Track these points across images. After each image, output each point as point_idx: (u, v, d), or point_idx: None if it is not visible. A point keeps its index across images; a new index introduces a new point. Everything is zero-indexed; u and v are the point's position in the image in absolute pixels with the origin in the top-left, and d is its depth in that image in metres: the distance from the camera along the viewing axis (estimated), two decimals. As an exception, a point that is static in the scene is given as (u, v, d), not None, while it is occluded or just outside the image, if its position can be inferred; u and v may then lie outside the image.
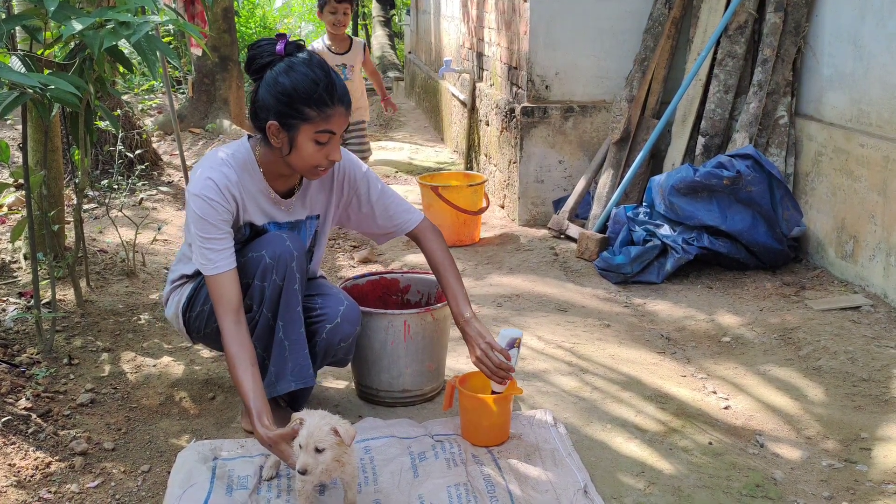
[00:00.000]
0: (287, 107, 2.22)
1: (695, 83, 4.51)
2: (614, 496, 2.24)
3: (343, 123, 2.28)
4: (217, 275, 2.28)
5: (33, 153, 3.53)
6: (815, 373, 3.01)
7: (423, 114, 9.52)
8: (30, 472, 2.32)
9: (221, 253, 2.29)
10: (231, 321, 2.25)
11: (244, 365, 2.20)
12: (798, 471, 2.41)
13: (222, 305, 2.26)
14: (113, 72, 3.42)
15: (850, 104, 3.91)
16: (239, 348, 2.22)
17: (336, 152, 2.30)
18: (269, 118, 2.26)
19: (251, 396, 2.16)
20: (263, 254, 2.35)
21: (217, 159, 2.35)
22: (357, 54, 4.95)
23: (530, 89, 4.91)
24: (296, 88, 2.21)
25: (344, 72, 4.78)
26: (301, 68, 2.24)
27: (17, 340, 3.09)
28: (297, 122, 2.24)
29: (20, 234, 3.38)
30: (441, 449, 2.41)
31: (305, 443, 1.98)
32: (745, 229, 3.91)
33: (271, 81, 2.25)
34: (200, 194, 2.28)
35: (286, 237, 2.38)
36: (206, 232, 2.28)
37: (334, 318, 2.48)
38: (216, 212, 2.29)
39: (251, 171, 2.37)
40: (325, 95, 2.22)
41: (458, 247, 4.63)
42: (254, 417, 2.13)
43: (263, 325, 2.39)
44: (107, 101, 5.46)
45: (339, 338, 2.49)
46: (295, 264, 2.36)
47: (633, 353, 3.20)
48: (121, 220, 4.47)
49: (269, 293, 2.35)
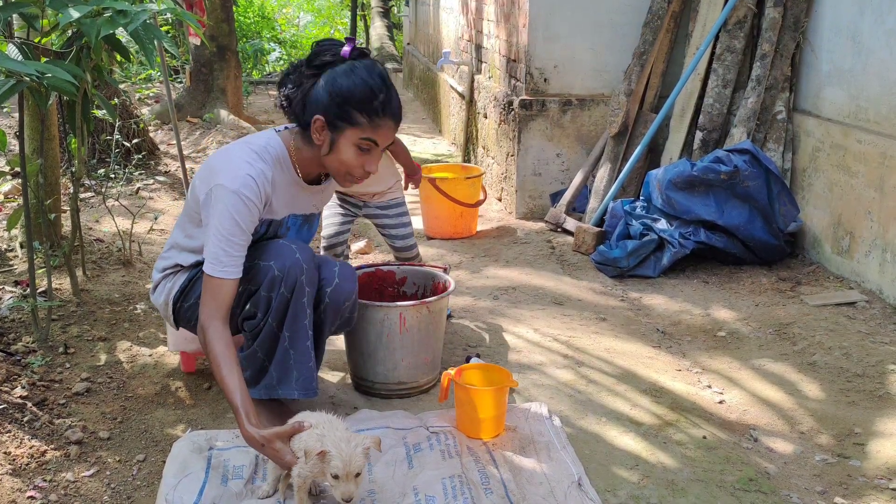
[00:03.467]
0: (339, 107, 2.21)
1: (693, 77, 4.51)
2: (608, 489, 2.25)
3: (389, 137, 2.28)
4: (223, 279, 2.22)
5: (30, 141, 3.52)
6: (809, 368, 3.02)
7: (421, 105, 9.51)
8: (25, 460, 2.32)
9: (236, 259, 2.24)
10: (219, 321, 2.21)
11: (229, 365, 2.15)
12: (791, 465, 2.42)
13: (215, 305, 2.22)
14: (110, 60, 3.41)
15: (848, 100, 3.91)
16: (224, 348, 2.17)
17: (373, 163, 2.29)
18: (318, 113, 2.24)
19: (238, 396, 2.11)
20: (272, 264, 2.30)
21: (252, 153, 2.28)
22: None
23: (529, 82, 4.90)
24: (353, 92, 2.20)
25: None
26: (362, 73, 2.23)
27: (12, 329, 3.09)
28: (344, 124, 2.23)
29: (16, 223, 3.37)
30: (436, 441, 2.42)
31: (344, 473, 1.91)
32: (741, 224, 3.92)
33: (330, 80, 2.23)
34: (239, 192, 2.20)
35: (296, 248, 2.34)
36: (233, 234, 2.21)
37: (332, 280, 2.45)
38: (250, 213, 2.24)
39: (284, 165, 2.34)
40: (379, 105, 2.22)
41: (454, 239, 4.63)
42: (241, 417, 2.09)
43: (268, 333, 2.36)
44: (104, 89, 5.45)
45: (342, 297, 2.46)
46: (305, 278, 2.32)
47: (629, 346, 3.21)
48: (117, 210, 4.46)
49: (275, 304, 2.32)
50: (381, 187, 3.26)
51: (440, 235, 4.67)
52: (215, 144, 7.12)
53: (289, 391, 2.39)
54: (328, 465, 1.92)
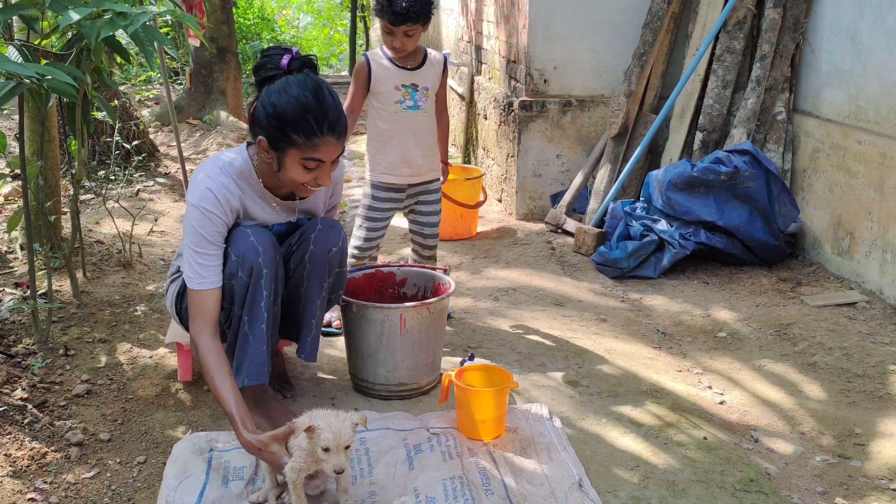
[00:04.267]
0: (276, 129, 2.20)
1: (693, 78, 4.51)
2: (609, 490, 2.24)
3: (333, 152, 2.25)
4: (202, 290, 2.28)
5: (30, 143, 3.52)
6: (810, 368, 3.02)
7: (421, 107, 9.51)
8: (25, 462, 2.32)
9: (210, 269, 2.29)
10: (208, 334, 2.26)
11: (222, 376, 2.20)
12: (792, 466, 2.41)
13: (201, 319, 2.27)
14: (110, 62, 3.41)
15: (847, 100, 3.91)
16: (216, 360, 2.23)
17: (325, 177, 2.28)
18: (260, 134, 2.25)
19: (232, 405, 2.15)
20: (230, 252, 2.33)
21: (216, 168, 2.33)
22: (433, 73, 3.23)
23: (528, 83, 4.90)
24: (285, 112, 2.18)
25: (413, 96, 3.16)
26: (294, 91, 2.19)
27: (13, 331, 3.09)
28: (285, 145, 2.21)
29: (16, 225, 3.38)
30: (437, 442, 2.42)
31: (335, 444, 1.96)
32: (741, 225, 3.92)
33: (266, 99, 2.23)
34: (198, 205, 2.27)
35: (250, 232, 2.34)
36: (200, 246, 2.28)
37: (315, 227, 2.46)
38: (213, 224, 2.28)
39: (249, 179, 2.36)
40: (314, 124, 2.18)
41: (455, 240, 4.63)
42: (237, 425, 2.12)
43: (235, 323, 2.38)
44: (104, 91, 5.45)
45: (328, 245, 2.45)
46: (261, 259, 2.32)
47: (629, 347, 3.21)
48: (117, 212, 4.46)
49: (237, 290, 2.33)
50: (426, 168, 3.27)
51: (440, 236, 4.66)
52: (215, 146, 7.13)
53: (251, 379, 2.38)
54: (318, 438, 1.97)
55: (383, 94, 3.13)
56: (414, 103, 3.17)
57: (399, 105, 3.14)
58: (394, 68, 3.13)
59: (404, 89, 3.15)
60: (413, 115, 3.16)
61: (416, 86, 3.16)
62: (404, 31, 3.02)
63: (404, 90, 3.14)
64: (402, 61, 3.14)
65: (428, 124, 3.23)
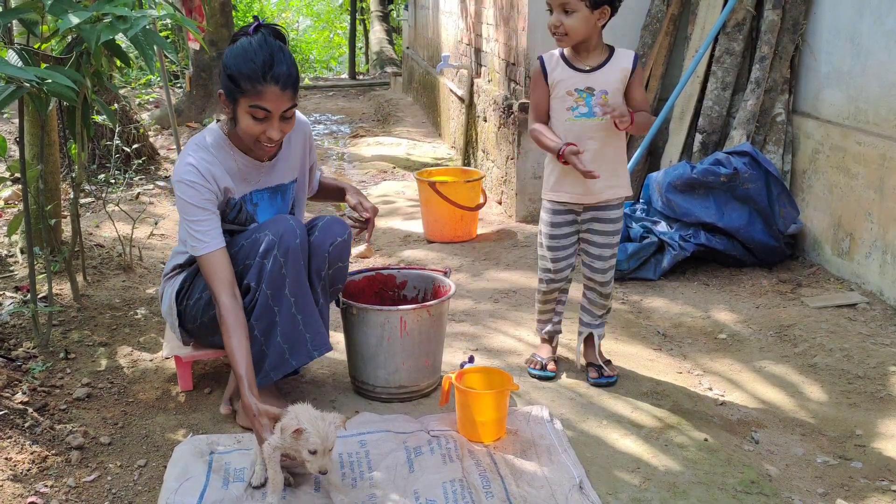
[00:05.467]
0: (228, 79, 2.34)
1: (693, 80, 4.51)
2: (610, 492, 2.24)
3: (280, 103, 2.33)
4: (208, 253, 2.37)
5: (30, 147, 3.52)
6: (810, 370, 3.02)
7: (421, 109, 9.52)
8: (26, 465, 2.32)
9: (210, 233, 2.39)
10: (228, 294, 2.35)
11: (238, 335, 2.29)
12: (793, 467, 2.41)
13: (217, 280, 2.36)
14: (110, 66, 3.42)
15: (847, 102, 3.91)
16: (235, 319, 2.32)
17: (273, 131, 2.37)
18: (219, 88, 2.39)
19: (243, 366, 2.26)
20: (266, 233, 2.41)
21: (193, 146, 2.47)
22: (616, 74, 2.69)
23: (528, 85, 4.91)
24: (236, 62, 2.32)
25: (588, 101, 2.66)
26: (247, 45, 2.33)
27: (13, 335, 3.09)
28: (235, 94, 2.34)
29: (17, 229, 3.38)
30: (437, 444, 2.42)
31: (322, 448, 2.06)
32: (741, 226, 3.92)
33: (226, 55, 2.38)
34: (182, 179, 2.40)
35: (289, 217, 2.47)
36: (192, 214, 2.39)
37: (323, 219, 2.56)
38: (199, 193, 2.39)
39: (224, 147, 2.47)
40: (259, 71, 2.29)
41: (455, 243, 4.63)
42: (244, 384, 2.23)
43: (263, 303, 2.42)
44: (104, 95, 5.45)
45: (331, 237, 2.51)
46: (299, 241, 2.42)
47: (630, 349, 3.21)
48: (117, 215, 4.46)
49: (269, 270, 2.39)
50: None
51: (440, 239, 4.67)
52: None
53: (302, 358, 2.46)
54: (305, 441, 2.05)
55: (556, 98, 2.71)
56: (589, 110, 2.67)
57: (571, 112, 2.68)
58: (568, 70, 2.69)
59: (577, 94, 2.68)
60: (588, 124, 2.68)
61: (591, 90, 2.66)
62: (561, 3, 2.55)
63: (577, 95, 2.67)
64: (576, 60, 2.69)
65: (607, 134, 2.69)
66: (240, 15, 13.97)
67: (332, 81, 13.84)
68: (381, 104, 10.37)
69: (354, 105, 11.01)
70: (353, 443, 2.44)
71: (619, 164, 2.78)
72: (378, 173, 6.59)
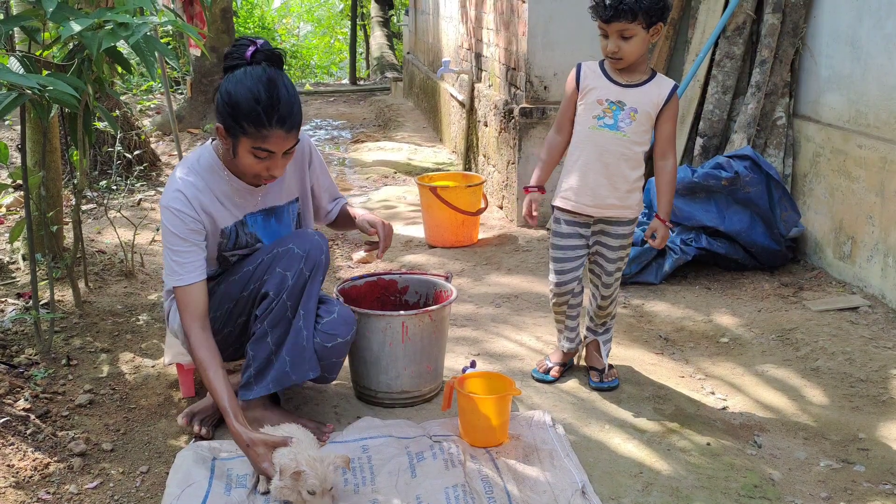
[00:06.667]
0: (229, 117, 2.26)
1: (693, 84, 4.52)
2: (612, 496, 2.24)
3: (283, 144, 2.28)
4: (185, 286, 2.35)
5: (32, 154, 3.53)
6: (812, 373, 3.02)
7: (421, 114, 9.53)
8: (28, 472, 2.32)
9: (188, 265, 2.36)
10: (198, 327, 2.34)
11: (213, 367, 2.29)
12: (796, 471, 2.41)
13: (189, 313, 2.34)
14: (111, 72, 3.42)
15: (847, 105, 3.91)
16: (207, 353, 2.31)
17: (276, 168, 2.33)
18: (218, 122, 2.32)
19: (224, 397, 2.25)
20: (291, 246, 2.40)
21: (185, 168, 2.41)
22: (651, 98, 2.65)
23: (529, 90, 4.91)
24: (238, 101, 2.24)
25: (616, 114, 2.65)
26: (248, 82, 2.24)
27: (15, 341, 3.09)
28: (237, 132, 2.27)
29: (19, 235, 3.38)
30: (439, 449, 2.41)
31: (321, 489, 2.07)
32: (743, 230, 3.92)
33: (223, 88, 2.29)
34: (169, 206, 2.35)
35: (314, 233, 2.47)
36: (174, 244, 2.36)
37: (332, 312, 2.51)
38: (183, 223, 2.35)
39: (217, 171, 2.42)
40: (263, 116, 2.22)
41: (456, 247, 4.63)
42: (230, 416, 2.22)
43: (280, 313, 2.40)
44: (105, 101, 5.47)
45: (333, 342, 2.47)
46: (324, 257, 2.42)
47: (632, 353, 3.21)
48: (119, 221, 4.47)
49: (293, 282, 2.38)
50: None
51: (442, 244, 4.67)
52: (216, 155, 7.13)
53: (302, 374, 2.44)
54: (304, 482, 2.07)
55: (584, 105, 2.68)
56: (614, 122, 2.64)
57: (596, 121, 2.66)
58: (605, 80, 2.66)
59: (607, 104, 2.65)
60: (609, 135, 2.64)
61: (622, 104, 2.64)
62: (619, 30, 2.53)
63: (607, 105, 2.65)
64: (616, 74, 2.65)
65: (626, 151, 2.66)
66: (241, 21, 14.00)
67: (332, 87, 13.86)
68: (382, 109, 10.38)
69: (355, 110, 11.02)
70: (355, 448, 2.44)
71: (633, 186, 2.72)
72: (379, 178, 6.60)
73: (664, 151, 2.72)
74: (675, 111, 2.69)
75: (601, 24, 2.58)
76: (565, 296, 2.89)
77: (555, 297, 2.90)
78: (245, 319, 2.49)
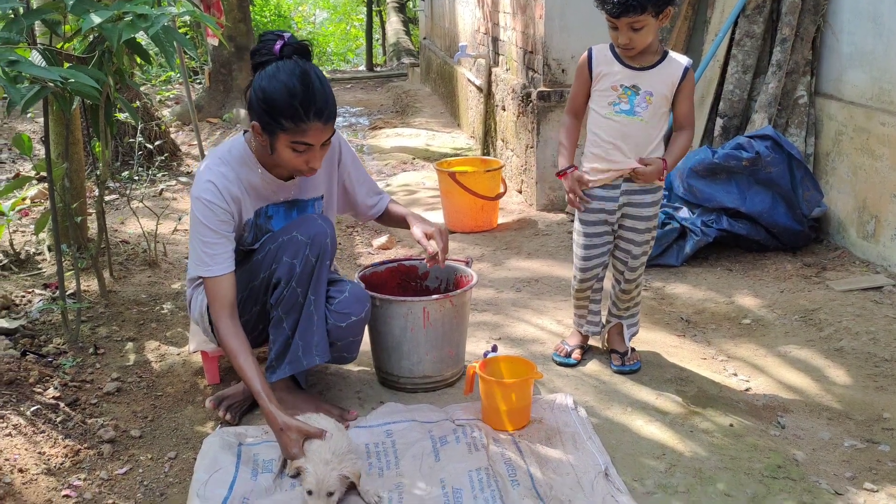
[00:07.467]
0: (266, 114, 2.26)
1: (712, 64, 4.48)
2: (636, 478, 2.25)
3: (321, 136, 2.29)
4: (215, 277, 2.36)
5: (55, 146, 3.57)
6: (836, 354, 3.00)
7: (439, 99, 9.51)
8: (59, 459, 2.36)
9: (219, 257, 2.37)
10: (227, 317, 2.36)
11: (244, 355, 2.32)
12: (820, 451, 2.40)
13: (218, 303, 2.37)
14: (130, 63, 3.45)
15: (870, 82, 3.86)
16: (236, 341, 2.34)
17: (315, 160, 2.34)
18: (253, 119, 2.31)
19: (257, 381, 2.28)
20: (295, 234, 2.41)
21: (216, 159, 2.42)
22: (665, 79, 2.65)
23: (546, 73, 4.89)
24: (274, 98, 2.24)
25: (632, 99, 2.64)
26: (282, 76, 2.24)
27: (43, 331, 3.14)
28: (274, 129, 2.27)
29: (44, 227, 3.42)
30: (462, 433, 2.43)
31: (317, 490, 2.08)
32: (764, 210, 3.89)
33: (257, 85, 2.29)
34: (200, 197, 2.36)
35: (317, 216, 2.47)
36: (205, 235, 2.37)
37: (344, 291, 2.53)
38: (214, 214, 2.36)
39: (249, 163, 2.43)
40: (301, 110, 2.23)
41: (475, 232, 4.64)
42: (264, 399, 2.25)
43: (291, 300, 2.43)
44: (125, 92, 5.51)
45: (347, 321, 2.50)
46: (329, 241, 2.43)
47: (653, 335, 3.20)
48: (142, 211, 4.51)
49: (300, 269, 2.39)
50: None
51: (461, 229, 4.68)
52: (236, 144, 7.17)
53: (311, 359, 2.47)
54: (304, 479, 2.09)
55: (599, 92, 2.68)
56: (630, 108, 2.64)
57: (612, 107, 2.65)
58: (618, 65, 2.65)
59: (622, 90, 2.64)
60: (626, 120, 2.64)
61: (636, 88, 2.63)
62: (628, 23, 2.52)
63: (622, 90, 2.64)
64: (629, 58, 2.64)
65: (645, 135, 2.66)
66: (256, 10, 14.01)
67: (349, 74, 13.87)
68: (400, 95, 10.38)
69: (373, 97, 11.03)
70: (379, 432, 2.46)
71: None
72: (398, 164, 6.60)
73: (682, 126, 2.72)
74: (691, 88, 2.67)
75: (608, 17, 2.58)
76: (590, 281, 2.89)
77: (580, 282, 2.90)
78: (259, 308, 2.51)
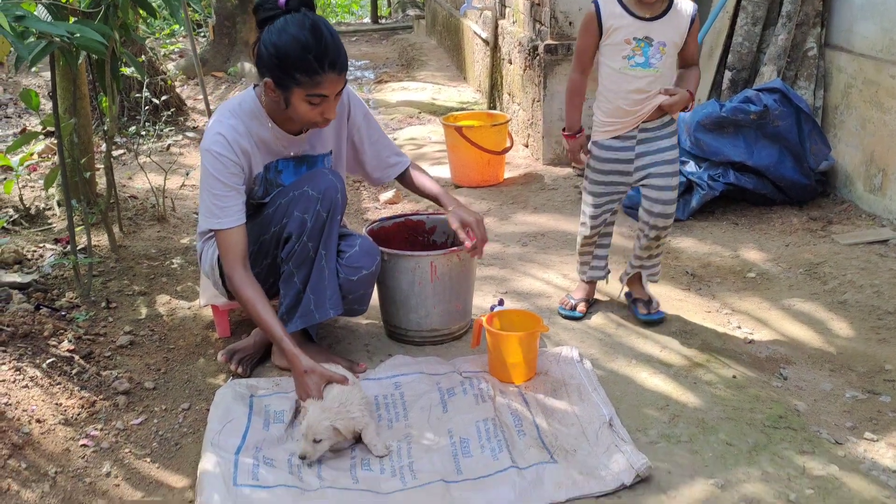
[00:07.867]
0: (279, 70, 2.26)
1: (722, 16, 4.42)
2: (639, 429, 2.29)
3: (336, 86, 2.30)
4: (226, 230, 2.38)
5: (62, 101, 3.57)
6: (840, 306, 3.03)
7: (444, 53, 9.42)
8: (76, 410, 2.42)
9: (229, 209, 2.38)
10: (241, 267, 2.39)
11: (262, 303, 2.36)
12: (821, 402, 2.44)
13: (232, 255, 2.39)
14: (135, 17, 3.43)
15: (881, 34, 3.82)
16: (252, 290, 2.37)
17: (330, 111, 2.34)
18: (265, 75, 2.30)
19: (277, 327, 2.33)
20: (306, 189, 2.42)
21: (226, 111, 2.42)
22: (676, 26, 2.62)
23: (553, 26, 4.84)
24: (286, 52, 2.23)
25: (646, 51, 2.60)
26: (292, 30, 2.23)
27: (55, 285, 3.18)
28: (289, 84, 2.27)
29: (53, 182, 3.45)
30: (469, 385, 2.48)
31: (305, 433, 2.13)
32: (771, 164, 3.88)
33: (267, 40, 2.27)
34: (210, 149, 2.37)
35: (328, 171, 2.47)
36: (215, 188, 2.38)
37: (354, 245, 2.56)
38: (224, 167, 2.37)
39: (259, 117, 2.43)
40: (315, 62, 2.23)
41: (482, 187, 4.64)
42: (286, 343, 2.30)
43: (303, 254, 2.45)
44: (130, 46, 5.48)
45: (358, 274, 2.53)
46: (339, 196, 2.44)
47: (658, 289, 3.23)
48: (149, 166, 4.52)
49: (311, 224, 2.42)
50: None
51: (468, 183, 4.68)
52: (241, 98, 7.13)
53: (324, 312, 2.51)
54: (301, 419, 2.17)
55: (611, 46, 2.63)
56: (645, 60, 2.60)
57: (626, 61, 2.61)
58: (627, 17, 2.58)
59: (635, 42, 2.59)
60: (642, 73, 2.62)
61: (650, 39, 2.59)
62: None
63: (635, 43, 2.59)
64: (637, 8, 2.57)
65: (659, 86, 2.64)
66: (260, -40, 13.77)
67: (354, 26, 13.70)
68: (405, 48, 10.27)
69: (378, 50, 10.92)
70: (388, 384, 2.51)
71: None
72: (404, 119, 6.58)
73: (691, 64, 2.72)
74: (697, 30, 2.67)
75: None
76: (598, 228, 2.91)
77: (590, 229, 2.89)
78: (270, 261, 2.54)
